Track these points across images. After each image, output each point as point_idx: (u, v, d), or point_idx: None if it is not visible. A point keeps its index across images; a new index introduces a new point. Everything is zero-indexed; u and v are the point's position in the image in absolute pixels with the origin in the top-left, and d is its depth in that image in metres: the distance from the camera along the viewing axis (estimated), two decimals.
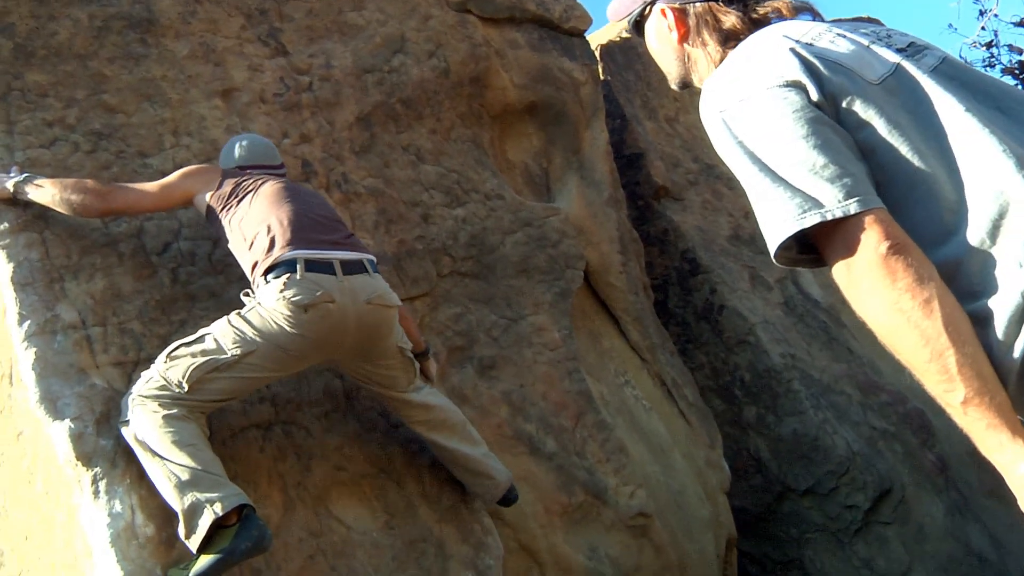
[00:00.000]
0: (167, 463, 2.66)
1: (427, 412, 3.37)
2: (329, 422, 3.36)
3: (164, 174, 3.38)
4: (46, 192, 3.11)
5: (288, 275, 2.90)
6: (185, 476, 2.64)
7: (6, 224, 3.14)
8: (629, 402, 4.78)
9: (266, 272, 2.96)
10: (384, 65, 4.56)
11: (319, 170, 4.04)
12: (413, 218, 4.25)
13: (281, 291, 2.87)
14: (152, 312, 3.22)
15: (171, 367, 2.81)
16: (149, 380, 2.81)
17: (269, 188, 3.23)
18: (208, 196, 3.23)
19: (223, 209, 3.19)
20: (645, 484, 4.31)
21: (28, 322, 2.97)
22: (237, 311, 2.95)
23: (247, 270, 3.10)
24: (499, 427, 4.01)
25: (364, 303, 3.02)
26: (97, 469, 2.75)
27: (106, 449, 2.79)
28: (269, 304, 2.89)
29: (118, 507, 2.70)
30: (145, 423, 2.72)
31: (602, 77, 6.42)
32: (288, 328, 2.86)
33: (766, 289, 6.02)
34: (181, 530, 2.61)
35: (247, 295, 3.05)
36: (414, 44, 4.72)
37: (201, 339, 2.88)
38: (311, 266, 2.95)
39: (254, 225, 3.09)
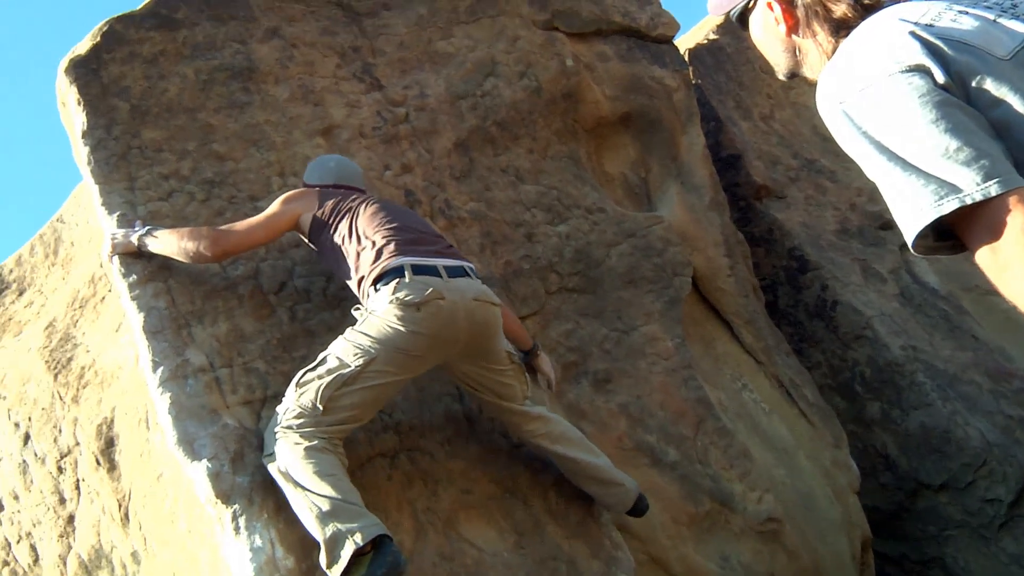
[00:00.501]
0: (309, 494, 2.73)
1: (545, 424, 3.40)
2: (452, 447, 3.40)
3: None
4: (164, 243, 3.26)
5: (397, 279, 3.03)
6: (326, 507, 2.70)
7: (134, 276, 3.29)
8: (748, 406, 4.71)
9: (375, 282, 3.09)
10: (476, 90, 4.61)
11: (422, 198, 4.11)
12: (517, 238, 4.28)
13: (393, 293, 2.99)
14: (274, 350, 3.32)
15: (303, 393, 2.90)
16: (286, 412, 2.90)
17: (368, 207, 3.35)
18: (312, 215, 3.36)
19: (327, 227, 3.32)
20: (772, 488, 4.23)
21: (161, 368, 3.09)
22: (351, 327, 3.05)
23: (354, 285, 3.22)
24: (619, 440, 4.00)
25: (471, 300, 3.12)
26: (236, 506, 2.84)
27: (243, 486, 2.87)
28: (381, 309, 2.99)
29: (259, 542, 2.78)
30: (288, 455, 2.80)
31: (693, 81, 6.37)
32: (403, 328, 2.96)
33: (880, 281, 5.86)
34: (323, 559, 2.67)
35: (357, 310, 3.14)
36: (504, 66, 4.77)
37: (323, 360, 2.97)
38: (418, 270, 3.08)
39: (358, 241, 3.21)
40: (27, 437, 3.92)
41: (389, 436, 3.29)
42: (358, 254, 3.18)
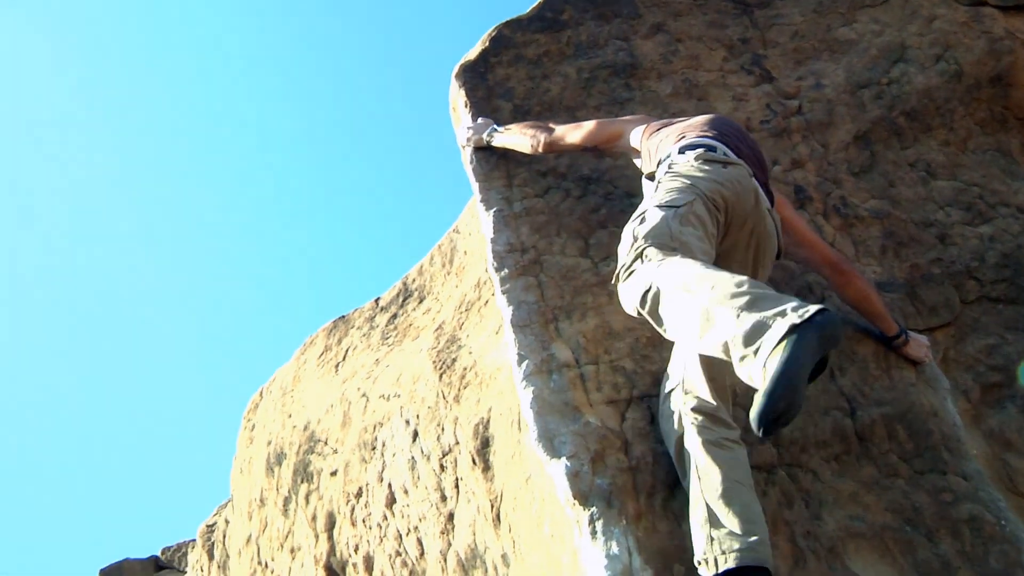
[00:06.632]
0: (700, 495, 2.48)
1: None
2: (840, 466, 2.96)
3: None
4: (509, 136, 3.53)
5: (705, 148, 2.81)
6: (710, 515, 2.44)
7: (507, 270, 3.27)
8: None
9: (680, 151, 2.85)
10: (882, 77, 4.12)
11: (814, 195, 3.72)
12: (927, 240, 3.72)
13: (700, 155, 2.77)
14: (644, 349, 3.11)
15: (647, 234, 2.49)
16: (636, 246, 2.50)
17: (701, 117, 3.13)
18: (641, 131, 3.19)
19: (650, 137, 3.11)
20: None
21: (527, 362, 3.01)
22: (656, 182, 2.80)
23: (652, 165, 3.00)
24: None
25: (765, 208, 2.83)
26: (594, 509, 2.66)
27: (602, 488, 2.69)
28: (682, 160, 2.77)
29: (615, 549, 2.57)
30: (696, 444, 2.58)
31: None
32: (708, 176, 2.66)
33: None
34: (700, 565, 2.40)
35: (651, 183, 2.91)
36: (916, 50, 4.22)
37: (644, 211, 2.62)
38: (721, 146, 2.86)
39: (670, 138, 2.99)
40: (415, 434, 4.06)
41: (767, 449, 2.93)
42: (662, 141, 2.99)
